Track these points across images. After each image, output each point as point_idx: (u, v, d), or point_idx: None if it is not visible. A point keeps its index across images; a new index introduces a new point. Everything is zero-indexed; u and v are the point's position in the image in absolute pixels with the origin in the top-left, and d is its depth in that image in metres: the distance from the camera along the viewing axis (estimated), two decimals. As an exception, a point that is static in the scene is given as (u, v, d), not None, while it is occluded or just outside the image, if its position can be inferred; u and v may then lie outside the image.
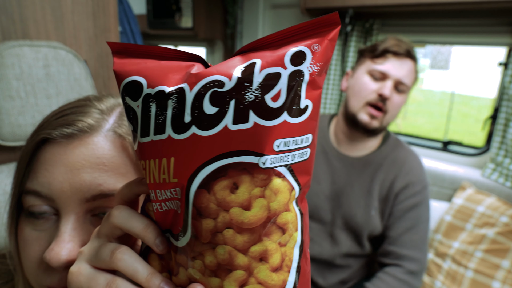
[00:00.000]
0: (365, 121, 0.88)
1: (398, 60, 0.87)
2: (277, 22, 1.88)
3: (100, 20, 1.01)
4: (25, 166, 0.34)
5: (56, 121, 0.34)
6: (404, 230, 0.90)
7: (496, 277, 1.11)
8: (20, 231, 0.34)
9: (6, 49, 0.75)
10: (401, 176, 0.92)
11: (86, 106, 0.36)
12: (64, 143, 0.33)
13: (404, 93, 0.89)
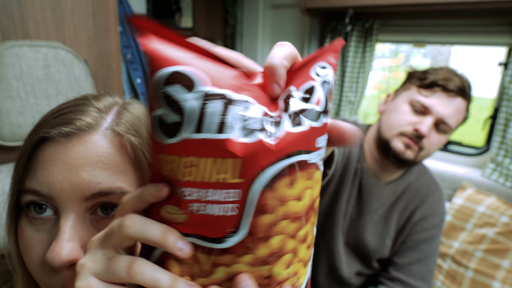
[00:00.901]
0: (399, 149, 0.79)
1: (447, 97, 0.78)
2: (277, 22, 1.88)
3: (100, 20, 1.01)
4: (24, 166, 0.34)
5: (54, 120, 0.34)
6: (415, 260, 0.87)
7: (496, 277, 1.11)
8: (20, 232, 0.34)
9: (6, 49, 0.75)
10: (422, 207, 0.87)
11: (84, 105, 0.36)
12: (62, 141, 0.33)
13: (446, 134, 0.80)
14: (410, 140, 0.78)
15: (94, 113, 0.35)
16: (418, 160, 0.81)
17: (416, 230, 0.87)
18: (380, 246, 0.90)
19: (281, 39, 1.88)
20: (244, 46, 2.06)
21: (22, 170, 0.34)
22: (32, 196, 0.33)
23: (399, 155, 0.79)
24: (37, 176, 0.33)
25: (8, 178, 0.76)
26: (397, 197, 0.89)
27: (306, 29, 1.73)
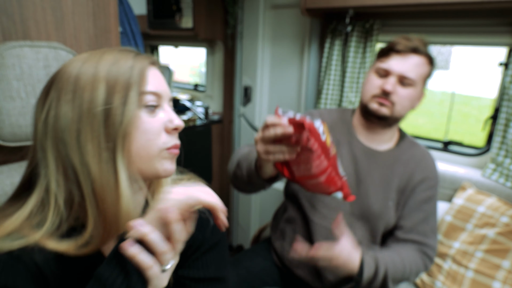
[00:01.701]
0: (375, 108, 0.96)
1: (401, 57, 0.93)
2: (277, 22, 1.88)
3: (101, 20, 1.01)
4: (140, 79, 0.49)
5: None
6: (419, 220, 0.98)
7: (496, 277, 1.11)
8: (142, 123, 0.49)
9: (7, 49, 0.76)
10: (419, 171, 1.00)
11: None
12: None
13: (412, 86, 0.94)
14: (381, 99, 0.95)
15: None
16: (397, 114, 0.96)
17: (416, 191, 0.99)
18: (384, 209, 0.99)
19: (281, 39, 1.88)
20: (244, 47, 2.06)
21: (138, 80, 0.49)
22: (150, 96, 0.51)
23: (376, 113, 0.96)
24: (153, 84, 0.51)
25: (9, 178, 0.76)
26: (393, 162, 1.01)
27: (306, 29, 1.73)
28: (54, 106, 0.47)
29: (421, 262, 0.97)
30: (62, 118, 0.46)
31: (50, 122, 0.47)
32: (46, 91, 0.49)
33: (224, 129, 2.34)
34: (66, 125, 0.46)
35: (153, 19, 2.22)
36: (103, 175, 0.46)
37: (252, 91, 2.07)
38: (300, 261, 1.04)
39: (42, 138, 0.47)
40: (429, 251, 0.99)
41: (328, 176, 0.72)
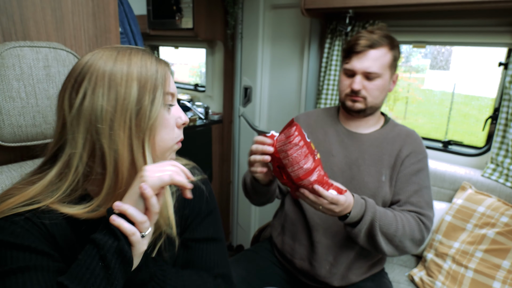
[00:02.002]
0: (349, 105, 1.06)
1: (361, 56, 1.01)
2: (277, 22, 1.88)
3: (101, 20, 1.01)
4: (163, 81, 0.58)
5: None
6: (412, 192, 1.01)
7: (496, 277, 1.11)
8: (162, 118, 0.58)
9: (7, 49, 0.76)
10: (406, 146, 1.05)
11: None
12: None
13: (378, 77, 1.01)
14: (353, 97, 1.04)
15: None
16: (371, 104, 1.04)
17: (405, 165, 1.03)
18: (378, 185, 1.04)
19: (281, 39, 1.88)
20: (244, 47, 2.06)
21: (162, 82, 0.57)
22: (170, 96, 0.60)
23: (352, 109, 1.06)
24: (170, 86, 0.60)
25: (9, 179, 0.76)
26: (381, 141, 1.07)
27: (306, 29, 1.73)
28: (89, 96, 0.53)
29: (416, 226, 0.95)
30: (97, 107, 0.53)
31: (85, 109, 0.53)
32: (78, 82, 0.55)
33: (224, 129, 2.34)
34: (101, 114, 0.53)
35: (153, 19, 2.22)
36: (130, 158, 0.55)
37: (252, 91, 2.07)
38: (300, 252, 1.08)
39: (74, 123, 0.54)
40: (425, 220, 0.98)
41: (319, 175, 0.82)
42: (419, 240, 0.96)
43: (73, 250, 0.57)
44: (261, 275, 1.11)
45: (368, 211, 0.91)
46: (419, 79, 7.03)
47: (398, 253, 0.97)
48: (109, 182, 0.55)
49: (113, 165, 0.55)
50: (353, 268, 1.04)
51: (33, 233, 0.54)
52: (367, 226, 0.91)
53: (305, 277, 1.09)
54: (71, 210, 0.56)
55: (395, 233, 0.93)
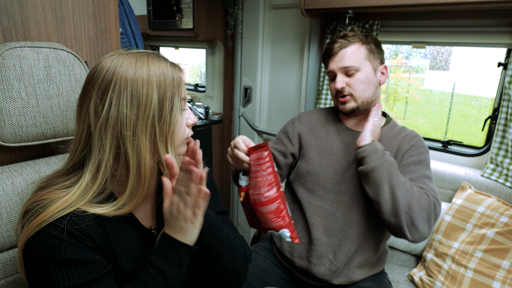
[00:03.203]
0: (340, 107, 1.08)
1: (334, 57, 1.06)
2: (277, 23, 1.88)
3: (101, 21, 1.02)
4: (179, 88, 0.63)
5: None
6: (413, 179, 0.98)
7: (496, 277, 1.11)
8: (179, 121, 0.64)
9: (7, 50, 0.76)
10: (405, 142, 1.05)
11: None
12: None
13: (358, 71, 1.03)
14: (340, 98, 1.06)
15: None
16: (362, 99, 1.05)
17: (405, 158, 1.03)
18: None
19: (281, 40, 1.88)
20: (244, 47, 2.06)
21: (176, 89, 0.62)
22: (183, 100, 0.65)
23: (344, 110, 1.07)
24: (184, 92, 0.65)
25: (9, 178, 0.77)
26: (381, 139, 1.06)
27: (306, 30, 1.73)
28: (114, 105, 0.57)
29: (425, 196, 0.92)
30: (122, 115, 0.57)
31: (111, 118, 0.57)
32: (102, 90, 0.58)
33: (224, 129, 2.34)
34: (125, 121, 0.57)
35: (153, 19, 2.23)
36: (152, 159, 0.61)
37: (252, 91, 2.07)
38: (299, 250, 1.09)
39: (102, 130, 0.58)
40: (433, 194, 0.95)
41: (277, 207, 0.83)
42: (427, 209, 0.89)
43: (107, 244, 0.62)
44: (261, 275, 1.11)
45: (383, 155, 0.95)
46: (419, 79, 7.03)
47: (409, 221, 0.89)
48: (132, 182, 0.60)
49: (136, 167, 0.60)
50: (352, 266, 1.04)
51: (76, 245, 0.57)
52: (380, 165, 0.93)
53: (305, 276, 1.09)
54: (100, 210, 0.60)
55: (405, 190, 0.90)
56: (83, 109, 0.60)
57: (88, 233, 0.58)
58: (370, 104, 1.07)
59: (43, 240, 0.54)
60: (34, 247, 0.55)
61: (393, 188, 0.91)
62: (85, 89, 0.60)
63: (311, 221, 1.07)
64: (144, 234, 0.68)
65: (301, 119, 1.20)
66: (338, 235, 1.04)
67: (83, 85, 0.61)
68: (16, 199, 0.76)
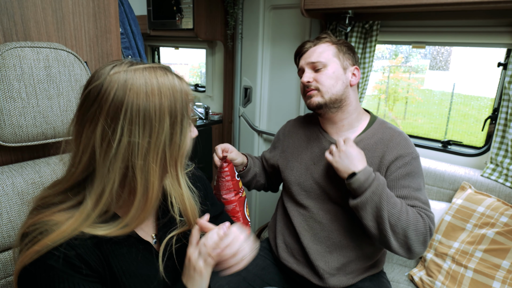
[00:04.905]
0: (308, 103, 1.06)
1: (304, 55, 1.07)
2: (277, 23, 1.88)
3: (101, 21, 1.02)
4: (188, 109, 0.61)
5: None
6: (403, 196, 0.95)
7: (496, 277, 1.11)
8: (187, 144, 0.62)
9: (7, 50, 0.76)
10: (389, 151, 0.99)
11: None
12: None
13: (326, 67, 1.02)
14: (307, 92, 1.05)
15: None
16: (330, 96, 1.02)
17: (391, 171, 0.98)
18: None
19: (281, 40, 1.88)
20: (244, 47, 2.06)
21: (188, 111, 0.61)
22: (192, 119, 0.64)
23: (312, 105, 1.04)
24: (191, 111, 0.63)
25: (10, 178, 0.77)
26: (362, 148, 1.01)
27: (306, 30, 1.74)
28: (126, 135, 0.54)
29: (419, 217, 0.91)
30: (134, 144, 0.55)
31: (122, 147, 0.55)
32: (111, 116, 0.54)
33: (224, 129, 2.34)
34: (136, 150, 0.55)
35: (153, 19, 2.23)
36: (160, 183, 0.60)
37: (252, 91, 2.07)
38: (293, 255, 1.09)
39: (112, 160, 0.55)
40: (427, 213, 0.93)
41: (233, 208, 1.08)
42: (424, 233, 0.89)
43: (104, 266, 0.60)
44: (261, 275, 1.11)
45: (377, 180, 0.90)
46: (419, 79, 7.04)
47: (405, 247, 0.90)
48: (138, 205, 0.58)
49: (143, 192, 0.58)
50: (346, 272, 1.04)
51: (72, 274, 0.55)
52: (373, 197, 0.89)
53: (301, 280, 1.09)
54: (103, 231, 0.58)
55: (399, 214, 0.88)
56: (86, 130, 0.55)
57: (85, 258, 0.56)
58: (340, 103, 1.03)
59: (40, 270, 0.53)
60: (30, 276, 0.53)
61: (384, 222, 0.89)
62: (89, 108, 0.55)
63: (299, 230, 1.08)
64: (144, 246, 0.66)
65: (285, 128, 1.25)
66: (327, 242, 1.04)
67: (85, 99, 0.56)
68: (16, 199, 0.76)
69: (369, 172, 0.91)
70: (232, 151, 1.13)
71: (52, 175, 0.83)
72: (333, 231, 1.04)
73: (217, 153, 1.10)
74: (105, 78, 0.55)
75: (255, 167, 1.24)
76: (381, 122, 1.08)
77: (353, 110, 1.06)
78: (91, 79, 0.57)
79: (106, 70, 0.56)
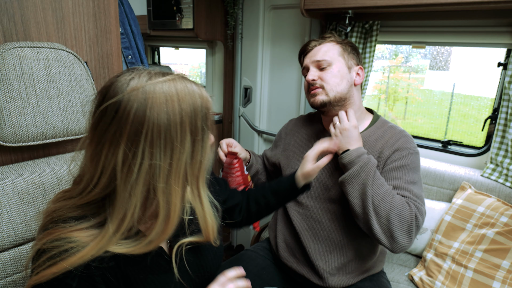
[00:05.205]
0: (312, 101, 1.05)
1: (309, 54, 1.07)
2: (277, 23, 1.88)
3: (101, 21, 1.02)
4: (210, 123, 0.58)
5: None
6: (396, 186, 0.95)
7: (496, 277, 1.11)
8: (207, 159, 0.60)
9: (7, 50, 0.76)
10: (387, 147, 1.00)
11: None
12: None
13: (330, 66, 1.02)
14: (311, 90, 1.04)
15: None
16: (334, 94, 1.02)
17: (387, 163, 0.99)
18: None
19: (281, 40, 1.88)
20: (244, 47, 2.06)
21: (209, 126, 0.58)
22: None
23: (316, 104, 1.04)
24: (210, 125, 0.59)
25: (9, 178, 0.77)
26: (363, 144, 1.02)
27: (306, 30, 1.74)
28: (147, 157, 0.52)
29: (406, 205, 0.90)
30: (155, 167, 0.52)
31: (143, 171, 0.52)
32: (132, 138, 0.51)
33: (224, 129, 2.34)
34: (158, 172, 0.53)
35: (153, 19, 2.22)
36: (182, 203, 0.58)
37: (252, 91, 2.07)
38: (293, 255, 1.10)
39: (131, 184, 0.52)
40: (416, 204, 0.91)
41: None
42: (408, 221, 0.87)
43: (117, 279, 0.58)
44: (261, 275, 1.11)
45: (368, 159, 0.93)
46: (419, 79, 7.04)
47: (387, 234, 0.89)
48: (160, 223, 0.56)
49: (165, 213, 0.56)
50: (346, 271, 1.04)
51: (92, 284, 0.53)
52: (361, 173, 0.91)
53: (301, 279, 1.09)
54: (125, 248, 0.55)
55: (383, 197, 0.88)
56: (106, 152, 0.52)
57: (102, 274, 0.54)
58: (343, 102, 1.03)
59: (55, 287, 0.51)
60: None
61: (367, 200, 0.90)
62: (107, 128, 0.51)
63: (299, 229, 1.08)
64: (156, 251, 0.63)
65: (287, 126, 1.25)
66: (326, 241, 1.04)
67: (101, 117, 0.52)
68: (16, 199, 0.76)
69: (362, 152, 0.94)
70: (236, 146, 1.13)
71: (52, 175, 0.83)
72: (333, 231, 1.04)
73: (222, 148, 1.11)
74: (123, 96, 0.50)
75: (257, 164, 1.24)
76: (383, 121, 1.09)
77: (357, 109, 1.07)
78: (105, 93, 0.52)
79: (123, 85, 0.51)
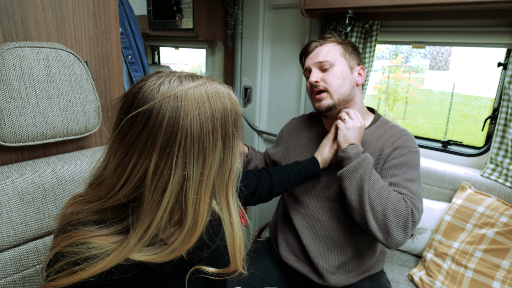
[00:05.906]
0: (317, 106, 1.04)
1: (310, 55, 1.06)
2: (277, 23, 1.88)
3: (101, 21, 1.02)
4: (240, 129, 0.56)
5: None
6: (393, 183, 0.96)
7: (496, 277, 1.11)
8: (236, 166, 0.57)
9: (7, 50, 0.76)
10: (388, 145, 1.01)
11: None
12: None
13: (333, 66, 1.02)
14: (316, 95, 1.03)
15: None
16: (338, 96, 1.02)
17: (387, 161, 0.99)
18: None
19: (281, 40, 1.88)
20: (244, 47, 2.06)
21: (238, 131, 0.55)
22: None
23: (321, 108, 1.03)
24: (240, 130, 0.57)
25: (9, 178, 0.77)
26: (363, 144, 1.04)
27: (306, 30, 1.73)
28: (180, 168, 0.49)
29: (402, 201, 0.90)
30: (188, 178, 0.50)
31: (176, 182, 0.49)
32: (164, 147, 0.48)
33: (224, 130, 2.34)
34: (190, 183, 0.50)
35: (153, 19, 2.22)
36: (208, 212, 0.55)
37: (252, 91, 2.07)
38: (293, 254, 1.10)
39: (161, 195, 0.50)
40: (413, 201, 0.92)
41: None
42: (404, 217, 0.88)
43: (134, 285, 0.55)
44: (261, 275, 1.11)
45: (365, 156, 0.94)
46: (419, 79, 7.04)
47: (383, 229, 0.88)
48: (186, 233, 0.53)
49: (192, 223, 0.53)
50: (346, 270, 1.04)
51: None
52: (359, 169, 0.92)
53: (302, 278, 1.09)
54: (146, 256, 0.52)
55: (379, 193, 0.89)
56: (134, 161, 0.49)
57: (121, 279, 0.51)
58: (347, 103, 1.04)
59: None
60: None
61: (364, 195, 0.90)
62: (137, 136, 0.49)
63: (299, 228, 1.08)
64: (178, 262, 0.60)
65: (289, 125, 1.25)
66: (326, 240, 1.05)
67: (131, 126, 0.49)
68: (16, 199, 0.76)
69: (361, 149, 0.96)
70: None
71: (52, 175, 0.83)
72: (333, 229, 1.04)
73: None
74: (154, 104, 0.48)
75: (256, 159, 1.24)
76: (384, 121, 1.09)
77: (358, 109, 1.07)
78: (133, 99, 0.50)
79: (152, 91, 0.49)
